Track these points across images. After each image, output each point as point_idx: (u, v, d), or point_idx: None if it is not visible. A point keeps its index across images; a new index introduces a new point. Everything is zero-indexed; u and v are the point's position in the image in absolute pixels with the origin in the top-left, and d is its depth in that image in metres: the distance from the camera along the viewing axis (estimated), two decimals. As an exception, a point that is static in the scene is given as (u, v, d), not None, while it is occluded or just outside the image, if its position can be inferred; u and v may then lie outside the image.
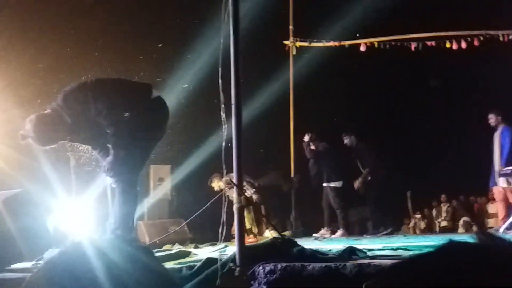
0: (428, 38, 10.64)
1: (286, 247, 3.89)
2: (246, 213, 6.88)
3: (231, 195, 4.11)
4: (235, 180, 3.77)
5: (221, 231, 4.11)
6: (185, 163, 9.41)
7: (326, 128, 10.98)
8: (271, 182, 9.38)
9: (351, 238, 8.19)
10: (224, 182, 6.72)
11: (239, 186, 3.75)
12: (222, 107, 4.07)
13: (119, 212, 4.59)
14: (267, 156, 11.41)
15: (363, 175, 9.49)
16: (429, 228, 14.42)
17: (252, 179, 8.57)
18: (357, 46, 10.90)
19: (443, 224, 14.26)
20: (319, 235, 9.23)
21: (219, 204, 4.33)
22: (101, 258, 0.98)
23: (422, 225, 14.63)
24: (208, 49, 8.77)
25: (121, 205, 4.60)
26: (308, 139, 9.66)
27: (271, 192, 9.23)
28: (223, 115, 4.07)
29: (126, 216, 4.62)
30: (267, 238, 5.97)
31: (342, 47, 11.06)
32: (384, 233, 9.21)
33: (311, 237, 8.94)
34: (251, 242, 5.71)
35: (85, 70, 8.20)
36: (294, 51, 10.97)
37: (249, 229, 7.79)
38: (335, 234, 9.24)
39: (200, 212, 5.67)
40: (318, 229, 9.55)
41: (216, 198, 5.23)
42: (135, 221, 5.09)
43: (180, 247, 6.02)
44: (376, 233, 9.27)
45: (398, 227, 11.42)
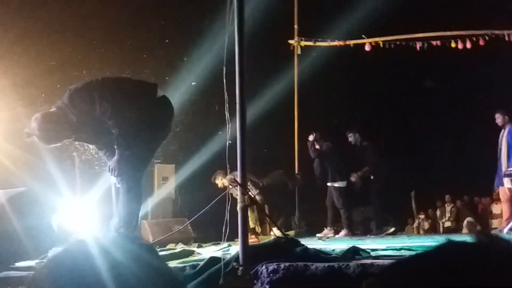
0: (433, 38, 10.61)
1: (289, 246, 3.90)
2: (249, 212, 6.88)
3: (235, 194, 4.11)
4: (239, 179, 3.77)
5: (224, 230, 4.12)
6: (189, 162, 9.41)
7: (331, 128, 10.97)
8: (275, 181, 9.36)
9: (354, 238, 8.18)
10: (229, 180, 6.71)
11: (243, 185, 3.75)
12: (226, 106, 4.08)
13: (124, 211, 4.61)
14: (271, 155, 11.39)
15: (362, 170, 9.50)
16: (433, 229, 14.37)
17: (256, 178, 8.55)
18: (362, 45, 10.87)
19: (447, 224, 14.22)
20: (323, 234, 9.22)
21: (223, 203, 4.34)
22: (104, 256, 0.99)
23: (426, 225, 14.58)
24: (213, 48, 8.77)
25: (125, 203, 4.61)
26: (313, 139, 9.65)
27: (276, 191, 9.22)
28: (227, 114, 4.08)
29: (130, 215, 4.63)
30: (269, 238, 5.96)
31: (347, 47, 11.04)
32: (387, 233, 9.21)
33: (315, 237, 8.94)
34: (253, 242, 5.70)
35: (90, 69, 8.24)
36: (299, 51, 10.96)
37: (252, 228, 7.79)
38: (339, 234, 9.24)
39: (204, 211, 5.67)
40: (322, 229, 9.54)
41: (220, 197, 5.23)
42: (139, 220, 5.09)
43: (183, 246, 6.03)
44: (379, 233, 9.26)
45: (402, 227, 11.39)
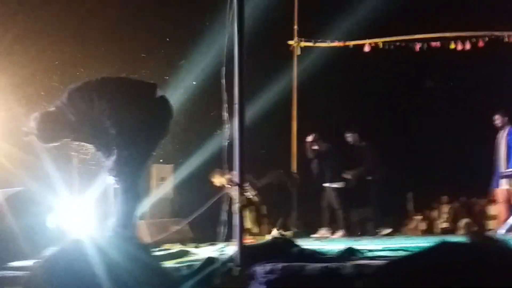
0: (433, 39, 10.64)
1: (286, 247, 3.90)
2: (247, 213, 6.89)
3: (232, 194, 4.11)
4: (237, 179, 3.77)
5: (222, 230, 4.12)
6: (187, 162, 9.41)
7: (331, 128, 10.96)
8: (274, 181, 9.38)
9: (351, 239, 8.19)
10: (227, 180, 6.71)
11: (240, 186, 3.76)
12: (225, 106, 4.08)
13: (121, 211, 4.60)
14: (269, 156, 11.39)
15: (358, 169, 9.52)
16: (429, 230, 14.37)
17: (254, 178, 8.56)
18: (361, 46, 10.90)
19: (444, 225, 14.21)
20: (319, 235, 9.23)
21: (220, 203, 4.34)
22: (100, 256, 0.99)
23: (423, 226, 14.57)
24: (213, 48, 8.77)
25: (123, 203, 4.61)
26: (311, 140, 9.66)
27: (275, 191, 9.24)
28: (226, 115, 4.08)
29: (128, 215, 4.62)
30: (265, 238, 5.98)
31: (347, 47, 11.06)
32: (384, 233, 9.22)
33: (312, 237, 8.94)
34: (249, 243, 5.70)
35: (90, 68, 8.23)
36: (298, 51, 10.97)
37: (249, 229, 7.79)
38: (335, 235, 9.24)
39: (201, 212, 5.67)
40: (319, 229, 9.55)
41: (217, 197, 5.23)
42: (137, 220, 5.09)
43: (181, 247, 6.03)
44: (376, 234, 9.27)
45: (399, 228, 11.39)
